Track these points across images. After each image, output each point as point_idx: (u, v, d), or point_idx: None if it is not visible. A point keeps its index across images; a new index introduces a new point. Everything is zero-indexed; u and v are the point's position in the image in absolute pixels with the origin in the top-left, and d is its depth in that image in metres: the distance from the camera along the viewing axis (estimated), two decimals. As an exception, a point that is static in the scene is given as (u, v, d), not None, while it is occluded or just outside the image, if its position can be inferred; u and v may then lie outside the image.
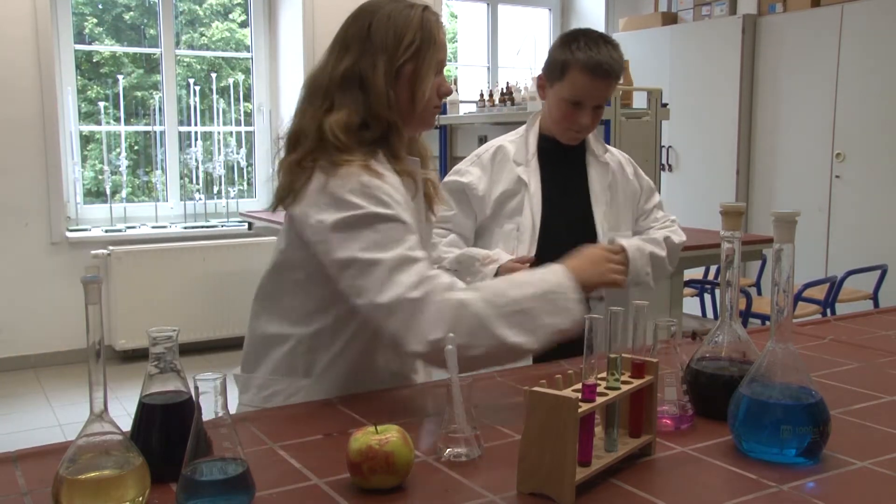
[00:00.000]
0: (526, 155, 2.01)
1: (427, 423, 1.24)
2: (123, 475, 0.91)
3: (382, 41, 1.41)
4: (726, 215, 1.21)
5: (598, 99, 1.90)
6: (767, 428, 1.07)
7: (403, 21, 1.42)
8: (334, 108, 1.40)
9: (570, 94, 1.89)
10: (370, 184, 1.33)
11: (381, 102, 1.40)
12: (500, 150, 2.04)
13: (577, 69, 1.86)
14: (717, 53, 5.68)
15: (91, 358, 0.91)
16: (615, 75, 1.89)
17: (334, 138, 1.37)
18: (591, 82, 1.86)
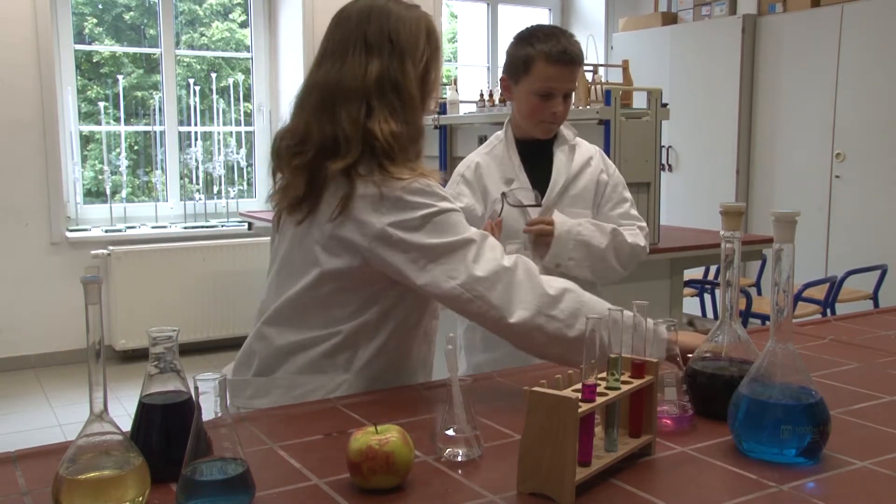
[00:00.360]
0: (513, 168, 2.03)
1: (427, 423, 1.24)
2: (123, 475, 0.91)
3: (405, 46, 1.42)
4: (726, 215, 1.21)
5: (567, 86, 1.95)
6: (767, 428, 1.07)
7: (416, 25, 1.44)
8: (374, 114, 1.39)
9: (540, 86, 1.92)
10: (429, 184, 1.38)
11: (415, 107, 1.43)
12: (478, 167, 2.06)
13: (541, 60, 1.91)
14: (717, 53, 5.68)
15: (91, 358, 0.91)
16: (579, 61, 1.94)
17: (387, 145, 1.37)
18: (558, 70, 1.91)
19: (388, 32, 1.42)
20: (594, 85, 3.48)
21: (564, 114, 1.99)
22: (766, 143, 5.55)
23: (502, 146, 2.06)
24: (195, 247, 5.12)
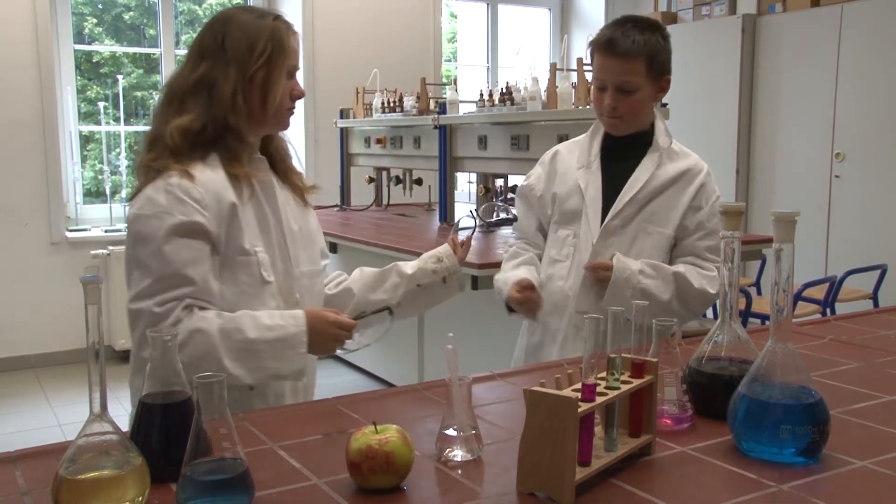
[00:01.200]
0: (588, 156, 1.97)
1: (427, 423, 1.24)
2: (123, 475, 0.91)
3: (235, 50, 1.52)
4: (726, 215, 1.21)
5: (616, 79, 1.84)
6: (767, 428, 1.07)
7: (255, 31, 1.53)
8: (183, 113, 1.52)
9: (594, 77, 1.89)
10: (179, 186, 1.45)
11: (225, 107, 1.51)
12: (557, 154, 2.04)
13: (595, 50, 1.88)
14: (716, 53, 5.68)
15: (91, 358, 0.91)
16: (625, 53, 1.82)
17: (171, 140, 1.49)
18: (603, 60, 1.85)
19: (222, 38, 1.53)
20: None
21: (625, 109, 1.87)
22: (765, 142, 5.55)
23: (588, 135, 2.01)
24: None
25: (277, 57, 1.53)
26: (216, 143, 1.52)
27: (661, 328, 1.21)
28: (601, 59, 1.85)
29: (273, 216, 1.59)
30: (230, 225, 1.50)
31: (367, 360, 4.63)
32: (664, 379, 1.20)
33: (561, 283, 1.96)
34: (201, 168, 1.49)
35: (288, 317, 1.50)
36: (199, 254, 1.46)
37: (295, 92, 1.59)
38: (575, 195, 1.96)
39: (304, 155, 5.53)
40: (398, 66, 5.49)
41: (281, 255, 1.59)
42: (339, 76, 5.45)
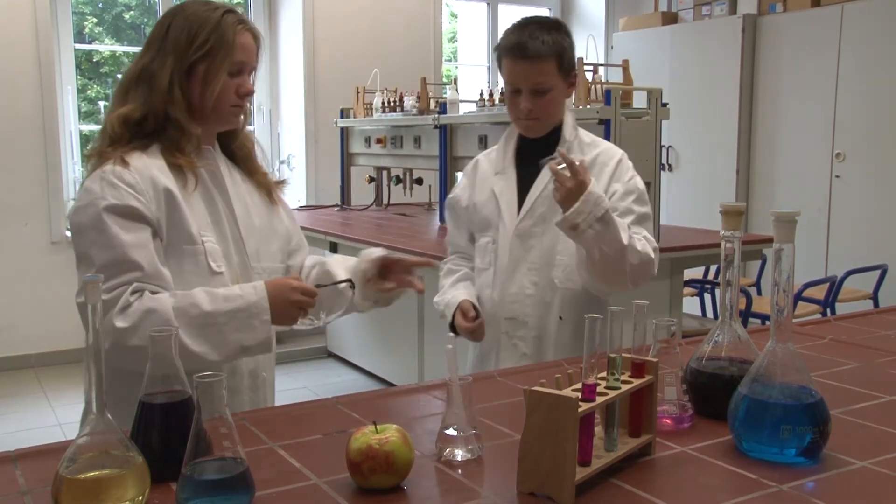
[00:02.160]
0: (503, 162, 1.96)
1: (427, 423, 1.24)
2: (123, 474, 0.91)
3: (175, 41, 1.50)
4: (726, 215, 1.21)
5: (530, 82, 1.82)
6: (767, 428, 1.07)
7: (200, 22, 1.50)
8: (126, 103, 1.51)
9: (505, 82, 1.87)
10: (113, 172, 1.44)
11: (162, 98, 1.49)
12: (477, 163, 2.04)
13: (503, 55, 1.85)
14: (717, 53, 5.68)
15: (90, 357, 0.91)
16: (536, 55, 1.79)
17: (111, 129, 1.49)
18: (514, 65, 1.82)
19: (166, 28, 1.52)
20: (594, 84, 3.47)
21: (540, 111, 1.85)
22: (766, 142, 5.55)
23: (502, 141, 2.00)
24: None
25: (218, 51, 1.50)
26: (158, 133, 1.51)
27: (661, 328, 1.21)
28: (512, 63, 1.83)
29: (225, 208, 1.56)
30: (170, 211, 1.46)
31: (368, 359, 4.63)
32: (664, 379, 1.20)
33: (488, 292, 1.92)
34: (139, 156, 1.47)
35: (247, 287, 1.46)
36: (140, 238, 1.42)
37: (242, 90, 1.54)
38: (490, 202, 1.94)
39: (305, 154, 5.53)
40: (398, 65, 5.49)
41: (236, 248, 1.56)
42: (340, 76, 5.45)
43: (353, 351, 4.78)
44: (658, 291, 3.44)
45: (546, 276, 1.88)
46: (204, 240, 1.50)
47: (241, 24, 1.53)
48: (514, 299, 1.89)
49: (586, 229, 1.66)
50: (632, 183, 1.87)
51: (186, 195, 1.49)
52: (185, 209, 1.47)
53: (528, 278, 1.88)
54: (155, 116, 1.50)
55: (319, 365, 4.92)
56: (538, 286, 1.88)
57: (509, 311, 1.89)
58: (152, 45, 1.53)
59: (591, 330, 0.99)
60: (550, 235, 1.86)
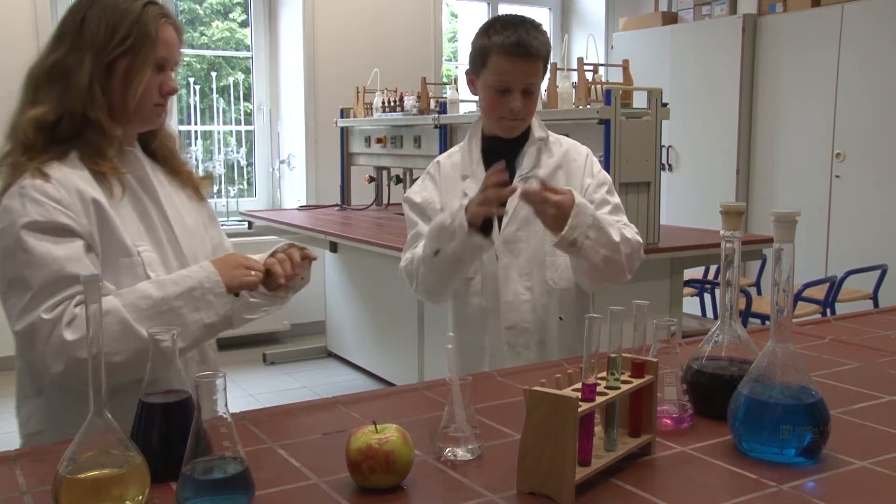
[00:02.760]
0: (471, 164, 1.88)
1: (427, 423, 1.24)
2: (123, 474, 0.91)
3: (93, 35, 1.38)
4: (726, 215, 1.21)
5: (524, 82, 1.78)
6: (767, 428, 1.07)
7: (119, 15, 1.38)
8: (37, 103, 1.38)
9: (495, 80, 1.78)
10: (33, 186, 1.31)
11: (81, 99, 1.37)
12: (439, 164, 1.95)
13: (496, 53, 1.76)
14: (717, 53, 5.68)
15: (90, 357, 0.91)
16: (537, 55, 1.76)
17: (24, 135, 1.36)
18: (513, 64, 1.76)
19: (80, 20, 1.39)
20: (594, 84, 3.47)
21: (527, 111, 1.82)
22: (766, 142, 5.55)
23: (466, 143, 1.92)
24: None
25: (141, 46, 1.38)
26: (76, 138, 1.38)
27: (660, 328, 1.21)
28: (509, 62, 1.75)
29: (157, 213, 1.46)
30: (101, 224, 1.36)
31: (367, 359, 4.63)
32: (664, 379, 1.20)
33: (478, 300, 1.85)
34: (58, 166, 1.35)
35: (193, 268, 1.39)
36: (73, 250, 1.31)
37: (165, 87, 1.44)
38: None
39: (305, 154, 5.53)
40: (399, 65, 5.49)
41: (174, 253, 1.47)
42: (340, 76, 5.45)
43: (353, 351, 4.78)
44: (658, 291, 3.44)
45: (539, 278, 1.84)
46: (140, 250, 1.40)
47: (163, 17, 1.43)
48: (511, 307, 1.83)
49: (583, 241, 1.65)
50: (602, 175, 1.89)
51: (115, 204, 1.39)
52: (115, 220, 1.37)
53: (522, 284, 1.83)
54: (71, 119, 1.37)
55: (319, 364, 4.93)
56: (533, 290, 1.83)
57: (508, 319, 1.84)
58: (64, 39, 1.40)
59: (591, 329, 0.99)
60: (536, 238, 1.83)
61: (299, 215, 4.87)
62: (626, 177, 3.25)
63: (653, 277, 3.41)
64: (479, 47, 1.81)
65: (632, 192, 3.30)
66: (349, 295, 4.75)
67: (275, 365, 4.86)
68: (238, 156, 5.63)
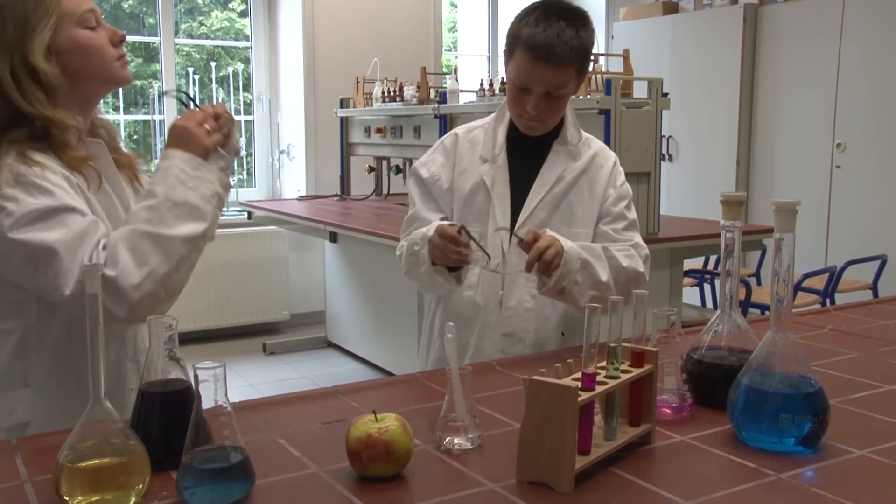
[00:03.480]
0: (493, 149, 1.75)
1: (426, 412, 1.25)
2: (124, 463, 0.91)
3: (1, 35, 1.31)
4: (726, 205, 1.21)
5: (545, 85, 1.62)
6: (767, 417, 1.08)
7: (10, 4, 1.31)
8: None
9: (515, 77, 1.65)
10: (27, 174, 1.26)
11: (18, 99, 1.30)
12: (457, 139, 1.80)
13: (520, 48, 1.62)
14: (718, 43, 5.66)
15: (90, 346, 0.91)
16: (559, 60, 1.60)
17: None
18: (532, 66, 1.60)
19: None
20: (594, 74, 3.47)
21: (549, 116, 1.68)
22: (766, 132, 5.54)
23: (492, 123, 1.78)
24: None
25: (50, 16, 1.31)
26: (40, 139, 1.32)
27: (660, 317, 1.21)
28: (531, 64, 1.60)
29: (120, 205, 1.42)
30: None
31: (367, 349, 4.64)
32: (664, 368, 1.20)
33: (470, 293, 1.72)
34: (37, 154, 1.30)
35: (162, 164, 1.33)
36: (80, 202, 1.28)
37: (115, 37, 1.38)
38: (479, 192, 1.74)
39: (304, 144, 5.52)
40: (398, 55, 5.48)
41: None
42: (340, 65, 5.44)
43: (353, 340, 4.79)
44: (658, 282, 3.44)
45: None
46: None
47: None
48: (512, 313, 1.71)
49: (571, 287, 1.59)
50: (624, 188, 1.80)
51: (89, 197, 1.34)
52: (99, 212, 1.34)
53: (528, 290, 1.70)
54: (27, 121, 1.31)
55: (319, 354, 4.93)
56: (538, 299, 1.70)
57: (507, 325, 1.71)
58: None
59: (591, 319, 0.99)
60: None
61: (299, 205, 4.87)
62: (627, 167, 3.20)
63: (653, 267, 3.37)
64: (510, 34, 1.67)
65: (632, 183, 3.24)
66: (349, 285, 4.76)
67: (275, 355, 4.86)
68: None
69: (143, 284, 1.23)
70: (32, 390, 1.37)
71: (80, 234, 1.24)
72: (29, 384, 1.37)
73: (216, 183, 1.34)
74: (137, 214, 1.28)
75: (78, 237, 1.24)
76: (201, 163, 1.33)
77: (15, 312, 1.35)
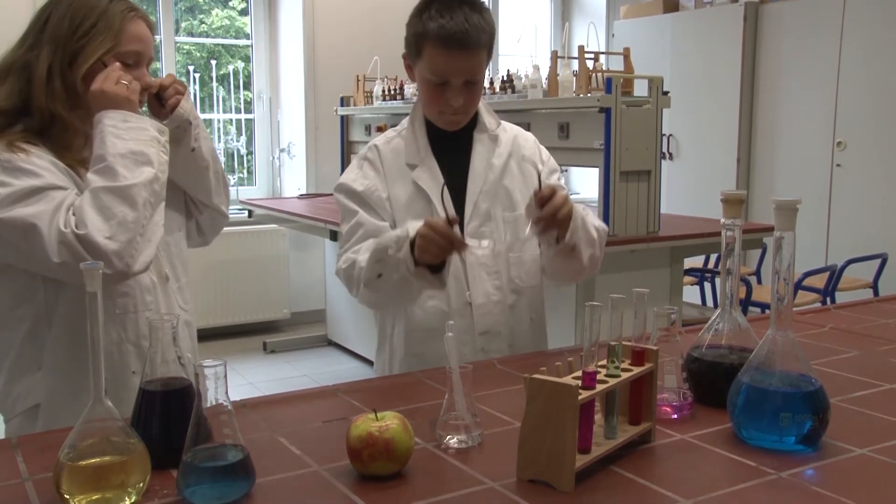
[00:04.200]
0: (418, 153, 1.70)
1: (427, 410, 1.25)
2: (124, 461, 0.92)
3: (55, 30, 1.41)
4: (727, 203, 1.21)
5: (464, 73, 1.60)
6: (767, 415, 1.08)
7: (84, 10, 1.41)
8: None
9: (431, 73, 1.61)
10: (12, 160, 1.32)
11: (40, 93, 1.39)
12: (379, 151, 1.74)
13: (432, 43, 1.59)
14: (718, 41, 5.66)
15: (91, 344, 0.91)
16: (475, 44, 1.59)
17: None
18: (448, 56, 1.58)
19: (45, 19, 1.43)
20: (595, 73, 3.46)
21: (469, 104, 1.66)
22: (767, 131, 5.54)
23: (409, 128, 1.74)
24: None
25: (104, 37, 1.40)
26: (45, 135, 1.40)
27: (660, 316, 1.21)
28: (447, 54, 1.58)
29: None
30: None
31: (367, 347, 4.64)
32: (664, 367, 1.20)
33: (434, 302, 1.66)
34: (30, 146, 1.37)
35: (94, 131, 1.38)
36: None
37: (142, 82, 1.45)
38: (417, 199, 1.68)
39: (305, 143, 5.52)
40: (399, 53, 5.42)
41: None
42: (340, 64, 5.44)
43: (353, 339, 4.79)
44: (658, 280, 3.44)
45: (505, 277, 1.69)
46: None
47: (131, 10, 1.44)
48: (484, 310, 1.67)
49: (580, 244, 1.57)
50: (552, 162, 1.79)
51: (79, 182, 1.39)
52: None
53: (491, 283, 1.68)
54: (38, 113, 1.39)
55: (319, 353, 4.93)
56: (501, 290, 1.69)
57: (482, 324, 1.67)
58: (28, 37, 1.43)
59: (591, 317, 0.99)
60: (499, 233, 1.69)
61: (299, 204, 4.87)
62: (627, 165, 3.25)
63: (653, 266, 3.41)
64: (413, 33, 1.65)
65: (632, 181, 3.30)
66: (349, 283, 4.75)
67: (275, 353, 4.87)
68: (238, 144, 5.63)
69: (116, 235, 1.30)
70: (44, 372, 1.42)
71: (57, 205, 1.30)
72: (41, 367, 1.42)
73: (150, 129, 1.40)
74: (92, 179, 1.33)
75: (55, 208, 1.30)
76: (127, 114, 1.39)
77: (25, 298, 1.41)
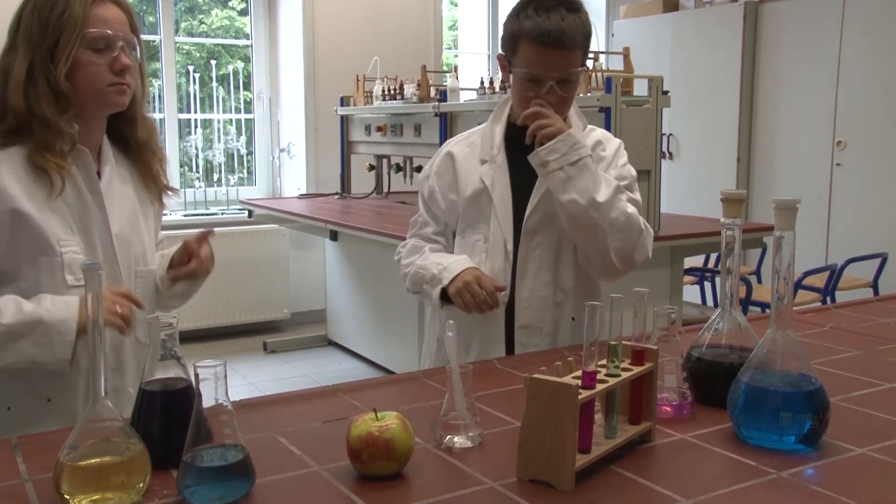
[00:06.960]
0: (491, 150, 1.74)
1: (427, 410, 1.25)
2: (124, 461, 0.92)
3: (27, 30, 1.40)
4: (727, 203, 1.21)
5: (559, 70, 1.63)
6: (767, 415, 1.08)
7: (49, 6, 1.39)
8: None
9: (526, 71, 1.64)
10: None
11: (18, 94, 1.37)
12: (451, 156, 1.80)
13: (527, 41, 1.61)
14: (718, 41, 5.66)
15: (91, 345, 0.91)
16: (570, 43, 1.61)
17: None
18: (544, 53, 1.61)
19: (18, 18, 1.42)
20: (595, 72, 3.46)
21: (563, 104, 1.67)
22: (766, 130, 5.54)
23: (489, 125, 1.78)
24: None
25: (72, 28, 1.38)
26: (25, 134, 1.39)
27: (661, 315, 1.21)
28: (543, 52, 1.61)
29: (98, 213, 1.44)
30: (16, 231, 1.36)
31: (367, 347, 4.64)
32: (664, 366, 1.20)
33: None
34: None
35: (59, 302, 1.37)
36: None
37: (116, 65, 1.41)
38: (480, 196, 1.73)
39: (305, 143, 5.52)
40: (399, 53, 5.47)
41: (106, 256, 1.45)
42: (340, 64, 5.43)
43: (353, 339, 4.79)
44: (658, 279, 3.44)
45: (555, 275, 1.72)
46: (63, 250, 1.39)
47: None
48: (527, 305, 1.71)
49: (556, 170, 1.59)
50: (626, 169, 1.75)
51: (50, 201, 1.38)
52: (38, 222, 1.37)
53: (540, 279, 1.71)
54: (15, 114, 1.38)
55: (319, 353, 4.93)
56: (549, 286, 1.71)
57: (523, 318, 1.71)
58: (8, 40, 1.42)
59: (592, 317, 0.99)
60: (556, 232, 1.70)
61: (299, 204, 4.87)
62: (627, 165, 3.24)
63: (653, 265, 3.40)
64: (510, 32, 1.67)
65: (632, 181, 3.29)
66: (349, 283, 4.76)
67: (275, 353, 4.86)
68: (238, 144, 5.62)
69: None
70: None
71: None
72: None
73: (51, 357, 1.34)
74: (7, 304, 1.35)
75: None
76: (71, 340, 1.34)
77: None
